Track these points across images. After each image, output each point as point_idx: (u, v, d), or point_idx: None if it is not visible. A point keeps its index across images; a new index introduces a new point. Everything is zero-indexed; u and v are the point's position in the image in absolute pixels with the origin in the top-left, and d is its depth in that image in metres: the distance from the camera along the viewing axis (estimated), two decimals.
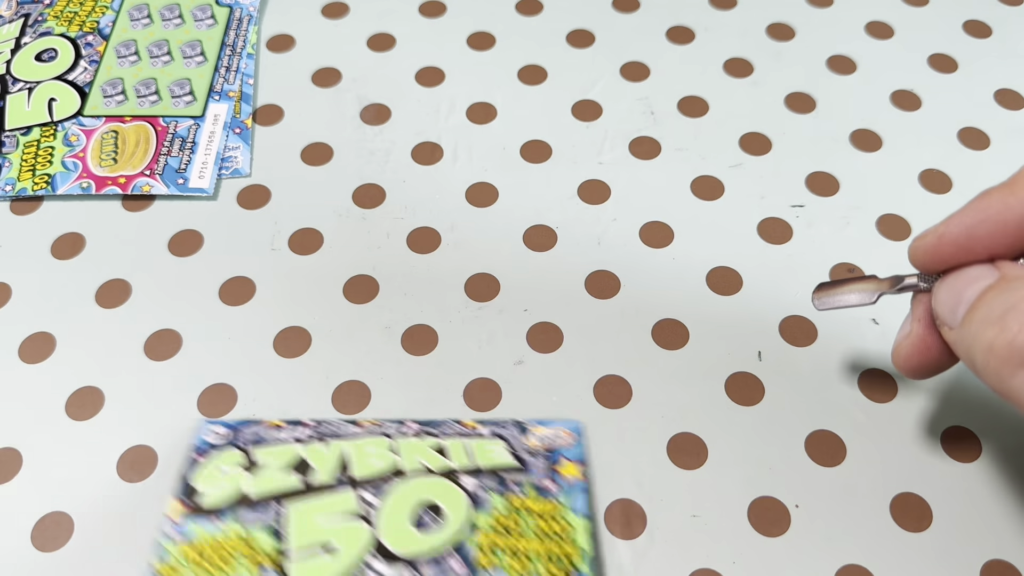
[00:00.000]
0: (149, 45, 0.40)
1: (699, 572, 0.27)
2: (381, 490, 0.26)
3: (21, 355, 0.31)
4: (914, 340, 0.25)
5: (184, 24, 0.41)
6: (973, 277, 0.22)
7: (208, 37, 0.40)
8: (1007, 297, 0.21)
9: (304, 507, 0.26)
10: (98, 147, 0.36)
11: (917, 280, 0.25)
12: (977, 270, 0.22)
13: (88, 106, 0.38)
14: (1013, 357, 0.20)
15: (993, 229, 0.22)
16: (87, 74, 0.38)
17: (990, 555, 0.27)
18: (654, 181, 0.36)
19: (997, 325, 0.20)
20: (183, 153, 0.36)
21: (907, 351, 0.25)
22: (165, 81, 0.39)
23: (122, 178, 0.36)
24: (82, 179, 0.36)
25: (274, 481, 0.27)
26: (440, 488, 0.26)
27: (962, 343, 0.22)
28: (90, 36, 0.40)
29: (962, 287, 0.22)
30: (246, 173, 0.36)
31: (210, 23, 0.41)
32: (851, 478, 0.28)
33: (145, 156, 0.36)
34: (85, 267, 0.34)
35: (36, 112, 0.38)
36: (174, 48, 0.39)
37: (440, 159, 0.37)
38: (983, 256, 0.23)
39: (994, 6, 0.42)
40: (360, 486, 0.26)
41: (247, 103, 0.38)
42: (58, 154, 0.36)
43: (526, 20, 0.42)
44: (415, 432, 0.28)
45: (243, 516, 0.26)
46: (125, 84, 0.38)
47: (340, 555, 0.25)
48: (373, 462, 0.27)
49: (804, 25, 0.41)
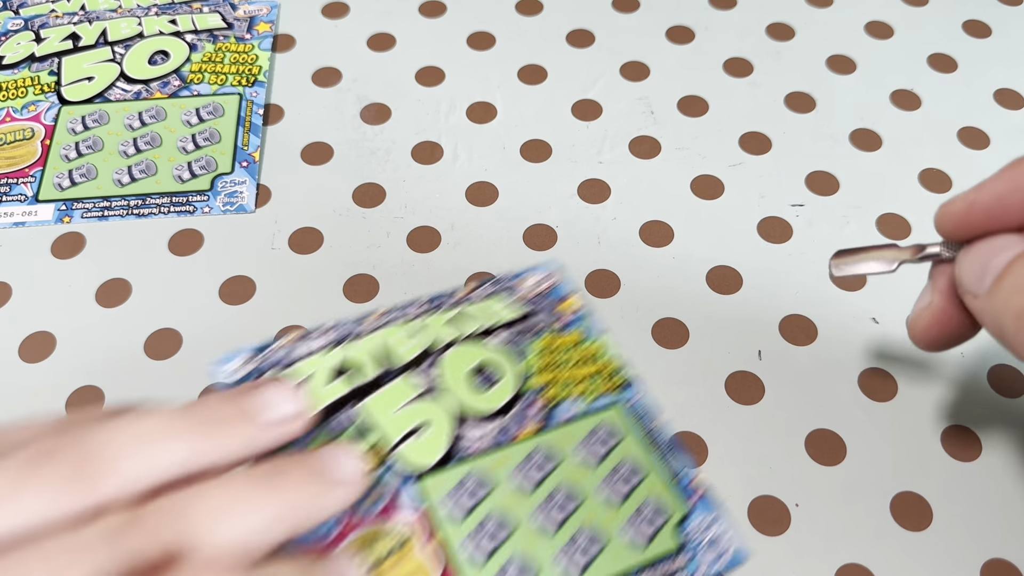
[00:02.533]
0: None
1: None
2: (427, 370, 0.28)
3: (21, 355, 0.31)
4: (934, 311, 0.24)
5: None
6: (1001, 246, 0.22)
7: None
8: None
9: (374, 403, 0.27)
10: None
11: (940, 249, 0.24)
12: (1005, 239, 0.22)
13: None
14: None
15: (1023, 199, 0.22)
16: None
17: (991, 554, 0.27)
18: (654, 180, 0.36)
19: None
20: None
21: (926, 322, 0.24)
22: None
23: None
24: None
25: (328, 390, 0.28)
26: (479, 351, 0.29)
27: (990, 311, 0.21)
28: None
29: (990, 255, 0.22)
30: (250, 210, 0.35)
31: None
32: (851, 477, 0.28)
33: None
34: (86, 267, 0.34)
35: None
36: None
37: (440, 158, 0.37)
38: (1013, 225, 0.22)
39: (994, 6, 0.42)
40: (406, 371, 0.28)
41: (256, 134, 0.37)
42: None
43: (526, 20, 0.42)
44: (426, 310, 0.30)
45: (328, 428, 0.27)
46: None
47: (432, 431, 0.27)
48: (404, 348, 0.29)
49: (804, 25, 0.41)
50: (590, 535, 0.26)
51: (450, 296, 0.31)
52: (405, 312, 0.30)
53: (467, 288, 0.31)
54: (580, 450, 0.28)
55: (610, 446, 0.28)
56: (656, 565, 0.26)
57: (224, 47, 0.40)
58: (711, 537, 0.26)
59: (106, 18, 0.41)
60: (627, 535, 0.26)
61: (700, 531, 0.26)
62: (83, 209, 0.35)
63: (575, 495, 0.27)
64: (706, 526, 0.27)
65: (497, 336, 0.29)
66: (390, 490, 0.26)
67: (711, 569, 0.26)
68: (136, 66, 0.39)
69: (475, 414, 0.28)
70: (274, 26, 0.41)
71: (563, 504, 0.27)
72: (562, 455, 0.27)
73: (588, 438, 0.28)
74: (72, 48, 0.40)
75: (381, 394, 0.28)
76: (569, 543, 0.26)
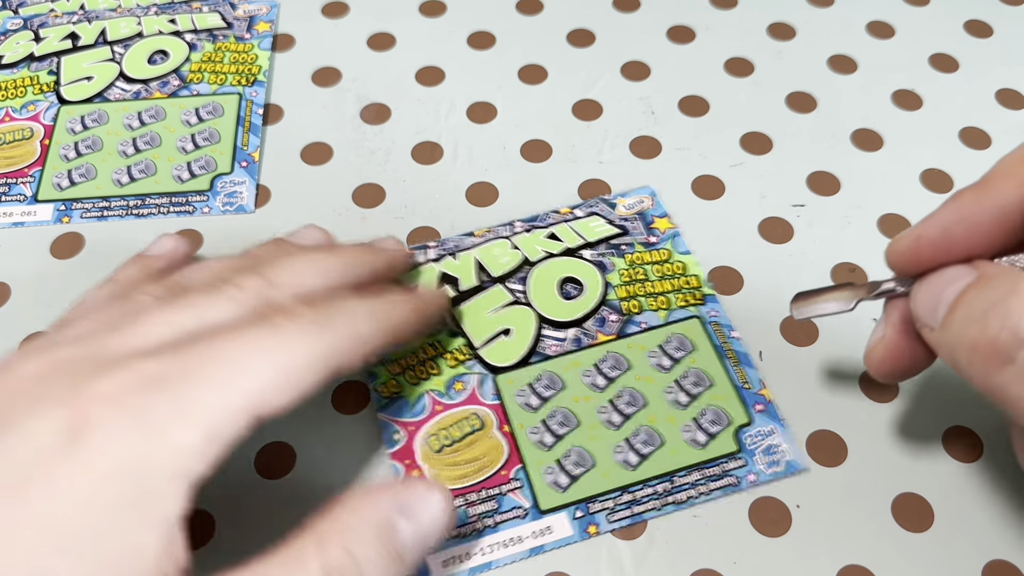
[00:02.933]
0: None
1: (699, 572, 0.27)
2: (522, 279, 0.32)
3: None
4: (887, 344, 0.25)
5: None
6: (952, 277, 0.22)
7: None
8: (987, 295, 0.21)
9: (469, 308, 0.31)
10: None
11: (894, 285, 0.25)
12: (955, 270, 0.23)
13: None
14: (997, 354, 0.20)
15: (968, 229, 0.22)
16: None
17: (992, 555, 0.27)
18: (655, 180, 0.36)
19: (979, 323, 0.20)
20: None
21: (880, 355, 0.25)
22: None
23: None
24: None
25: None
26: (569, 265, 0.32)
27: (944, 343, 0.22)
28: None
29: (941, 287, 0.22)
30: (250, 210, 0.35)
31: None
32: (852, 478, 0.28)
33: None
34: (85, 267, 0.33)
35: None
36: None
37: (440, 159, 0.37)
38: (960, 256, 0.23)
39: (994, 6, 0.42)
40: (502, 281, 0.32)
41: (255, 134, 0.37)
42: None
43: (526, 20, 0.42)
44: (525, 228, 0.33)
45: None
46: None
47: (517, 334, 0.31)
48: (503, 260, 0.32)
49: (805, 25, 0.41)
50: (650, 432, 0.29)
51: (551, 216, 0.34)
52: (510, 228, 0.33)
53: (567, 209, 0.34)
54: (650, 357, 0.30)
55: (680, 355, 0.30)
56: (711, 464, 0.28)
57: (224, 47, 0.40)
58: (767, 445, 0.28)
59: (105, 17, 0.41)
60: (686, 435, 0.28)
61: (757, 439, 0.28)
62: (82, 209, 0.35)
63: (640, 397, 0.29)
64: (764, 435, 0.28)
65: (588, 251, 0.32)
66: (474, 382, 0.30)
67: (763, 475, 0.28)
68: (135, 66, 0.39)
69: (561, 318, 0.31)
70: (274, 25, 0.41)
71: (628, 404, 0.29)
72: (632, 361, 0.30)
73: (660, 347, 0.30)
74: (71, 47, 0.40)
75: (477, 299, 0.31)
76: (628, 438, 0.28)
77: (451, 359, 0.30)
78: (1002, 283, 0.21)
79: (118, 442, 0.20)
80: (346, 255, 0.27)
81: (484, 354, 0.30)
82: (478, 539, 0.27)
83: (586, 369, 0.30)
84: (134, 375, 0.21)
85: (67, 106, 0.38)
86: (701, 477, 0.28)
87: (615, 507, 0.27)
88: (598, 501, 0.27)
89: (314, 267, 0.25)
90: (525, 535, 0.27)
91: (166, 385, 0.20)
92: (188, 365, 0.21)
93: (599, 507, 0.27)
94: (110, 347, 0.22)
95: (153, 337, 0.22)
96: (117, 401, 0.20)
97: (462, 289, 0.32)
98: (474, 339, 0.31)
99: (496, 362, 0.30)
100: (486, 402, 0.29)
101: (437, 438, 0.29)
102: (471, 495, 0.28)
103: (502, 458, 0.28)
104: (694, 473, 0.28)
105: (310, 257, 0.26)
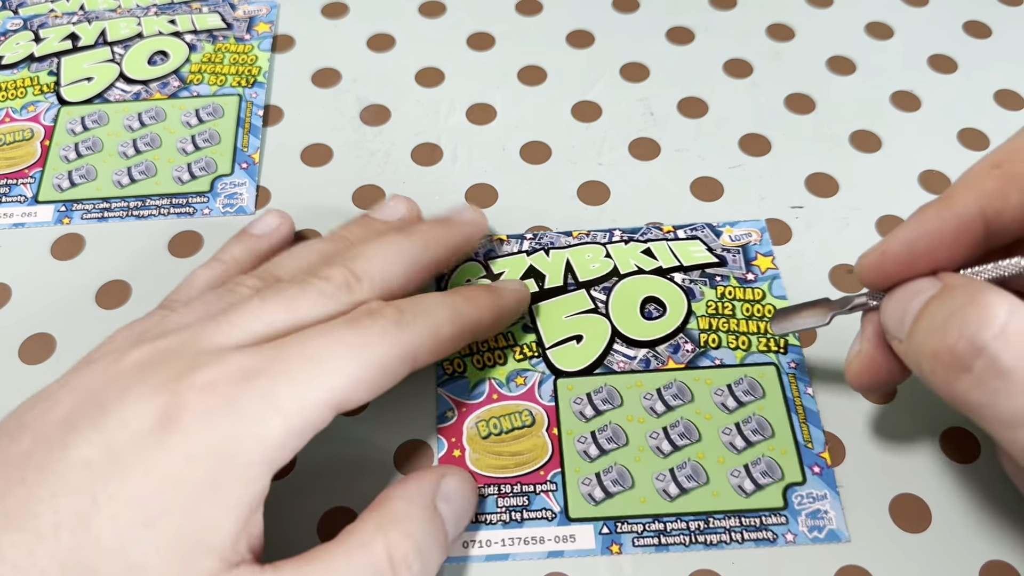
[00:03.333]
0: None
1: (699, 573, 0.27)
2: (606, 289, 0.32)
3: (21, 356, 0.31)
4: (863, 358, 0.25)
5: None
6: (917, 290, 0.23)
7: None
8: (947, 305, 0.21)
9: (547, 307, 0.31)
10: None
11: (866, 298, 0.25)
12: (920, 283, 0.23)
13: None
14: (956, 363, 0.20)
15: (932, 242, 0.23)
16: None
17: (989, 556, 0.27)
18: (654, 182, 0.36)
19: (939, 333, 0.21)
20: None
21: (857, 368, 0.26)
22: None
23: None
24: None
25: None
26: (657, 284, 0.32)
27: (911, 354, 0.22)
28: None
29: (907, 300, 0.23)
30: (250, 212, 0.35)
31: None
32: (849, 479, 0.28)
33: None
34: (86, 268, 0.34)
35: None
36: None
37: (440, 160, 0.37)
38: (925, 269, 0.24)
39: (994, 6, 0.42)
40: (588, 287, 0.32)
41: (255, 136, 0.37)
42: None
43: (526, 20, 0.42)
44: (623, 239, 0.33)
45: None
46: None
47: (588, 342, 0.31)
48: (593, 266, 0.32)
49: (804, 26, 0.41)
50: (696, 468, 0.28)
51: (651, 232, 0.33)
52: (608, 235, 0.33)
53: (669, 228, 0.34)
54: (716, 395, 0.29)
55: (747, 400, 0.29)
56: (751, 514, 0.27)
57: (224, 47, 0.40)
58: (814, 509, 0.27)
59: (105, 18, 0.41)
60: (733, 480, 0.28)
61: (807, 501, 0.28)
62: (83, 210, 0.35)
63: (695, 431, 0.29)
64: (815, 499, 0.28)
65: (680, 274, 0.32)
66: (535, 379, 0.30)
67: (802, 537, 0.27)
68: (135, 66, 0.39)
69: (636, 336, 0.31)
70: (273, 26, 0.41)
71: (681, 435, 0.29)
72: (696, 394, 0.30)
73: (728, 386, 0.30)
74: (71, 48, 0.40)
75: (558, 300, 0.32)
76: (674, 469, 0.28)
77: (518, 353, 0.31)
78: (961, 293, 0.21)
79: (208, 429, 0.21)
80: (425, 236, 0.29)
81: (552, 355, 0.30)
82: (502, 530, 0.27)
83: (648, 392, 0.30)
84: (228, 368, 0.22)
85: (67, 107, 0.38)
86: (737, 524, 0.27)
87: (643, 532, 0.27)
88: (627, 523, 0.27)
89: (395, 254, 0.27)
90: (548, 537, 0.27)
91: (257, 379, 0.22)
92: (278, 361, 0.23)
93: (627, 528, 0.27)
94: (208, 339, 0.24)
95: (248, 331, 0.24)
96: (211, 392, 0.22)
97: (546, 287, 0.32)
98: (545, 338, 0.31)
99: (561, 365, 0.30)
100: (542, 402, 0.30)
101: (487, 424, 0.29)
102: (505, 487, 0.28)
103: (544, 459, 0.28)
104: (731, 519, 0.27)
105: (390, 243, 0.28)
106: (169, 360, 0.23)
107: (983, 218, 0.23)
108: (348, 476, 0.29)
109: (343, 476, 0.29)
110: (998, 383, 0.20)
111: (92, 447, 0.21)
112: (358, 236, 0.30)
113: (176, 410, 0.22)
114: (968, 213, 0.23)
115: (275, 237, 0.32)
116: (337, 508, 0.28)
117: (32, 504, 0.21)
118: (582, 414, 0.29)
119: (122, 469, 0.21)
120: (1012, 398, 0.19)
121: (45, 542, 0.20)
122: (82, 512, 0.21)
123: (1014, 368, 0.19)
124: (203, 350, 0.23)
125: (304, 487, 0.28)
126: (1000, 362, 0.20)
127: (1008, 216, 0.23)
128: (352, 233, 0.30)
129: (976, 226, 0.23)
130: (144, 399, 0.22)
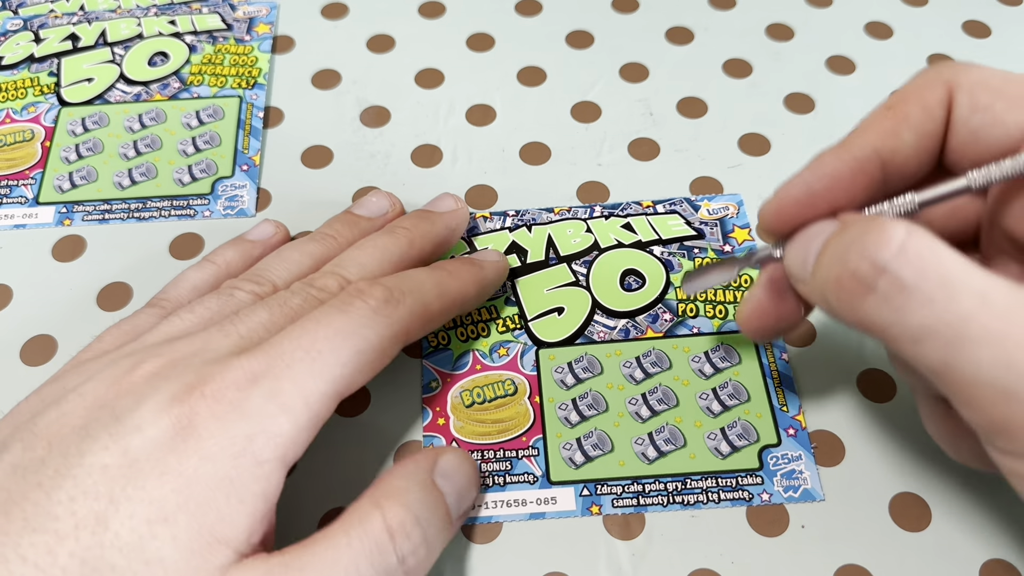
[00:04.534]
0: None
1: (698, 572, 0.27)
2: (587, 263, 0.32)
3: (22, 358, 0.31)
4: (752, 303, 0.26)
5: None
6: (817, 231, 0.23)
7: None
8: (846, 236, 0.21)
9: (529, 280, 0.32)
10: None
11: (770, 251, 0.26)
12: (820, 225, 0.23)
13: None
14: (859, 286, 0.21)
15: (830, 183, 0.24)
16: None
17: (989, 555, 0.27)
18: (653, 182, 0.36)
19: (840, 261, 0.21)
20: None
21: (746, 313, 0.26)
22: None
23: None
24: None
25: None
26: (636, 257, 0.33)
27: (817, 291, 0.23)
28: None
29: (809, 241, 0.23)
30: (251, 214, 0.35)
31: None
32: (849, 478, 0.28)
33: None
34: (87, 270, 0.34)
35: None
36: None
37: (440, 161, 0.37)
38: (825, 212, 0.24)
39: (994, 6, 0.42)
40: (569, 261, 0.32)
41: (256, 137, 0.37)
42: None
43: (525, 21, 0.42)
44: (604, 214, 0.34)
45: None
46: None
47: (569, 314, 0.31)
48: (575, 241, 0.33)
49: (804, 25, 0.41)
50: (674, 432, 0.29)
51: (631, 207, 0.34)
52: (589, 210, 0.34)
53: (648, 203, 0.34)
54: (693, 362, 0.30)
55: (724, 366, 0.30)
56: (727, 475, 0.28)
57: (224, 48, 0.40)
58: (789, 469, 0.28)
59: (105, 18, 0.41)
60: (710, 443, 0.29)
61: (782, 462, 0.28)
62: (84, 212, 0.35)
63: (673, 397, 0.30)
64: (789, 459, 0.28)
65: (659, 247, 0.33)
66: (517, 350, 0.31)
67: (778, 496, 0.28)
68: (136, 67, 0.39)
69: (616, 307, 0.32)
70: (273, 27, 0.41)
71: (659, 400, 0.30)
72: (674, 361, 0.30)
73: (705, 353, 0.31)
74: (71, 49, 0.40)
75: (540, 274, 0.32)
76: (652, 433, 0.29)
77: (501, 325, 0.31)
78: (860, 224, 0.21)
79: (221, 431, 0.22)
80: (410, 234, 0.30)
81: (534, 327, 0.31)
82: (484, 494, 0.28)
83: (627, 360, 0.30)
84: (235, 374, 0.23)
85: (68, 108, 0.38)
86: (714, 485, 0.28)
87: (622, 494, 0.28)
88: (607, 484, 0.28)
89: (384, 256, 0.29)
90: (530, 500, 0.28)
91: (262, 380, 0.23)
92: (279, 360, 0.24)
93: (607, 490, 0.28)
94: (216, 349, 0.25)
95: (253, 340, 0.25)
96: (220, 398, 0.23)
97: (529, 261, 0.33)
98: (528, 311, 0.32)
99: (543, 336, 0.31)
100: (524, 371, 0.30)
101: (470, 394, 0.30)
102: (488, 452, 0.29)
103: (526, 425, 0.29)
104: (708, 480, 0.28)
105: (378, 246, 0.29)
106: (180, 372, 0.24)
107: (879, 158, 0.23)
108: (348, 476, 0.29)
109: (343, 476, 0.29)
110: (901, 299, 0.20)
111: (109, 453, 0.22)
112: (343, 234, 0.31)
113: (189, 419, 0.22)
114: (864, 154, 0.23)
115: (269, 245, 0.32)
116: (337, 508, 0.28)
117: (50, 507, 0.21)
118: (563, 382, 0.30)
119: (139, 472, 0.22)
120: (916, 313, 0.20)
121: (65, 542, 0.21)
122: (100, 513, 0.21)
123: (916, 283, 0.20)
124: (211, 360, 0.24)
125: (304, 487, 0.28)
126: (902, 278, 0.20)
127: (902, 155, 0.24)
128: (337, 231, 0.31)
129: (872, 166, 0.23)
130: (158, 410, 0.23)
